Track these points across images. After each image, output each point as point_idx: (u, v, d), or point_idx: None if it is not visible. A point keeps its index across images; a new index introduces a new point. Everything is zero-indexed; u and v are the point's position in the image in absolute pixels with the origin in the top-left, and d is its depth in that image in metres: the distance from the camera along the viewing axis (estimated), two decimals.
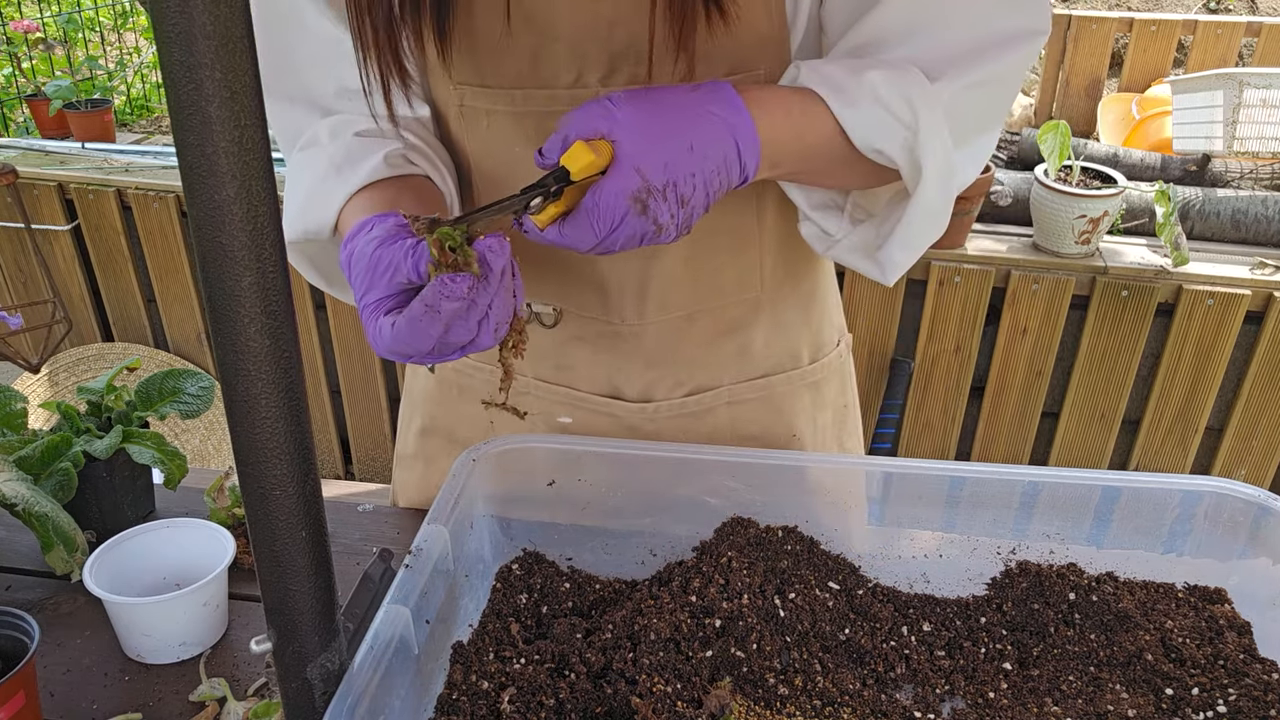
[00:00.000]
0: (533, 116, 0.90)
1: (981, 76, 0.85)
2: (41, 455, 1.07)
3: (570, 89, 0.88)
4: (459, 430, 1.14)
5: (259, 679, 0.94)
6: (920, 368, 2.57)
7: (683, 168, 0.74)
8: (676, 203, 0.74)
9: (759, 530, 0.96)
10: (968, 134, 0.88)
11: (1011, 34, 0.84)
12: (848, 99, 0.81)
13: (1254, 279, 2.37)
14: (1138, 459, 2.61)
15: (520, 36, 0.86)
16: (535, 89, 0.89)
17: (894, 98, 0.81)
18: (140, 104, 4.59)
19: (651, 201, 0.73)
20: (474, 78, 0.90)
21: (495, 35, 0.87)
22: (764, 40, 0.87)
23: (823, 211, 0.95)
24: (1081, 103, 3.93)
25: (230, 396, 0.59)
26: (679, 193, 0.74)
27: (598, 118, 0.74)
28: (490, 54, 0.88)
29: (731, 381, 1.07)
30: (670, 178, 0.73)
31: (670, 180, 0.73)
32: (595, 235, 0.74)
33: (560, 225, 0.75)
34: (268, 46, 0.92)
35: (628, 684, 0.80)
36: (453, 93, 0.92)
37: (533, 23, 0.85)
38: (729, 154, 0.76)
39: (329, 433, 3.03)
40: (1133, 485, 0.94)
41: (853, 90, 0.81)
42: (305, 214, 0.91)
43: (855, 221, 0.94)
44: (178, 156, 0.52)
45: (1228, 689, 0.83)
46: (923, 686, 0.86)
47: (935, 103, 0.83)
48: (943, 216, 0.89)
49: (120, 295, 2.98)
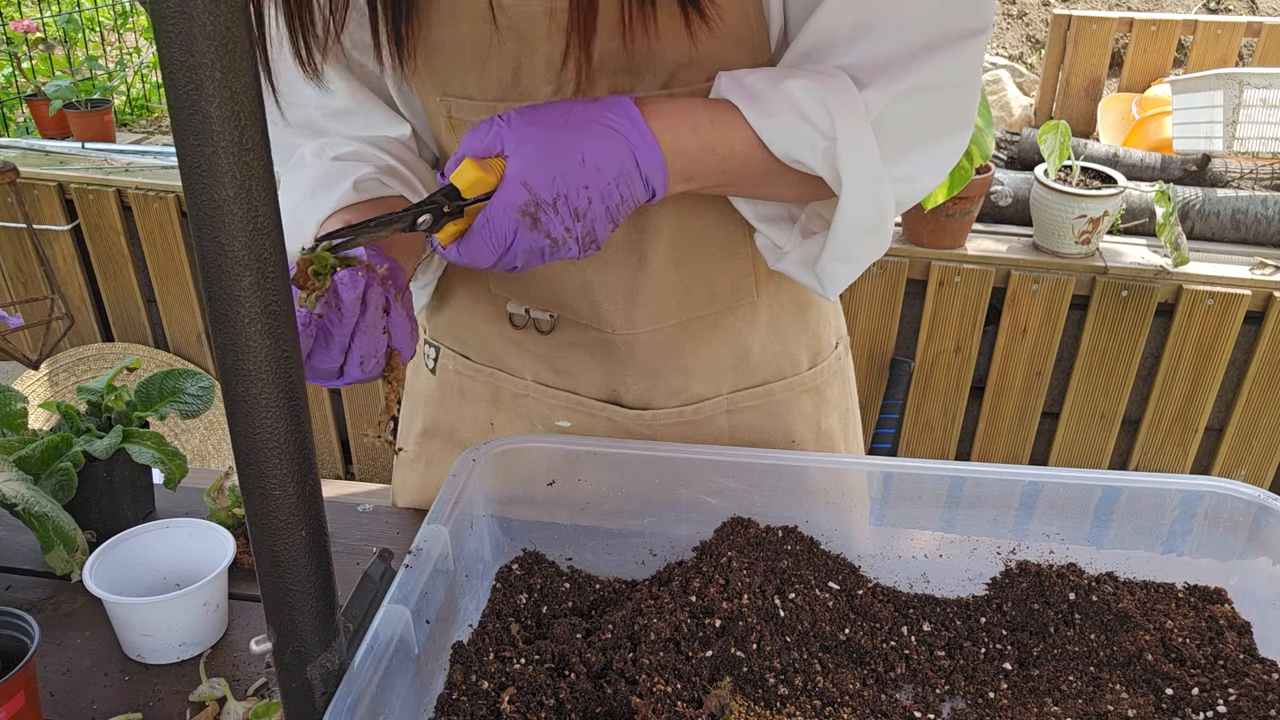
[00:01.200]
0: None
1: (918, 82, 0.81)
2: (41, 455, 1.07)
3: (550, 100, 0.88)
4: (460, 432, 1.14)
5: (259, 679, 0.94)
6: (920, 368, 2.57)
7: (573, 180, 0.73)
8: (571, 216, 0.74)
9: (759, 530, 0.96)
10: (914, 143, 0.85)
11: (948, 36, 0.81)
12: (764, 109, 0.79)
13: (1254, 279, 2.37)
14: (1138, 459, 2.61)
15: (503, 49, 0.86)
16: (517, 100, 0.88)
17: (812, 106, 0.78)
18: (140, 104, 4.59)
19: (542, 215, 0.73)
20: (459, 90, 0.90)
21: (479, 48, 0.86)
22: (743, 42, 0.86)
23: (771, 224, 0.93)
24: (1081, 103, 3.93)
25: (230, 396, 0.59)
26: (571, 206, 0.74)
27: (490, 135, 0.74)
28: (474, 67, 0.88)
29: (730, 390, 1.06)
30: (560, 191, 0.73)
31: (560, 193, 0.73)
32: (490, 251, 0.75)
33: (458, 244, 0.76)
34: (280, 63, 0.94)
35: (628, 684, 0.80)
36: (439, 104, 0.92)
37: (514, 34, 0.85)
38: (626, 166, 0.75)
39: (329, 433, 3.03)
40: (1133, 485, 0.94)
41: (769, 100, 0.79)
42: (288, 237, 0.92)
43: (808, 234, 0.92)
44: (178, 156, 0.52)
45: (1228, 689, 0.83)
46: (923, 686, 0.86)
47: (859, 111, 0.79)
48: (878, 231, 0.86)
49: (120, 295, 2.98)
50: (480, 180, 0.74)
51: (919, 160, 0.86)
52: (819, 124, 0.79)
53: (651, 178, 0.77)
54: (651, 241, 0.95)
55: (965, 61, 0.82)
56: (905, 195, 0.87)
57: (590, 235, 0.76)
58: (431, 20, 0.86)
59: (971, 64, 0.83)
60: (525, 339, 1.05)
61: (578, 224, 0.74)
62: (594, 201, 0.74)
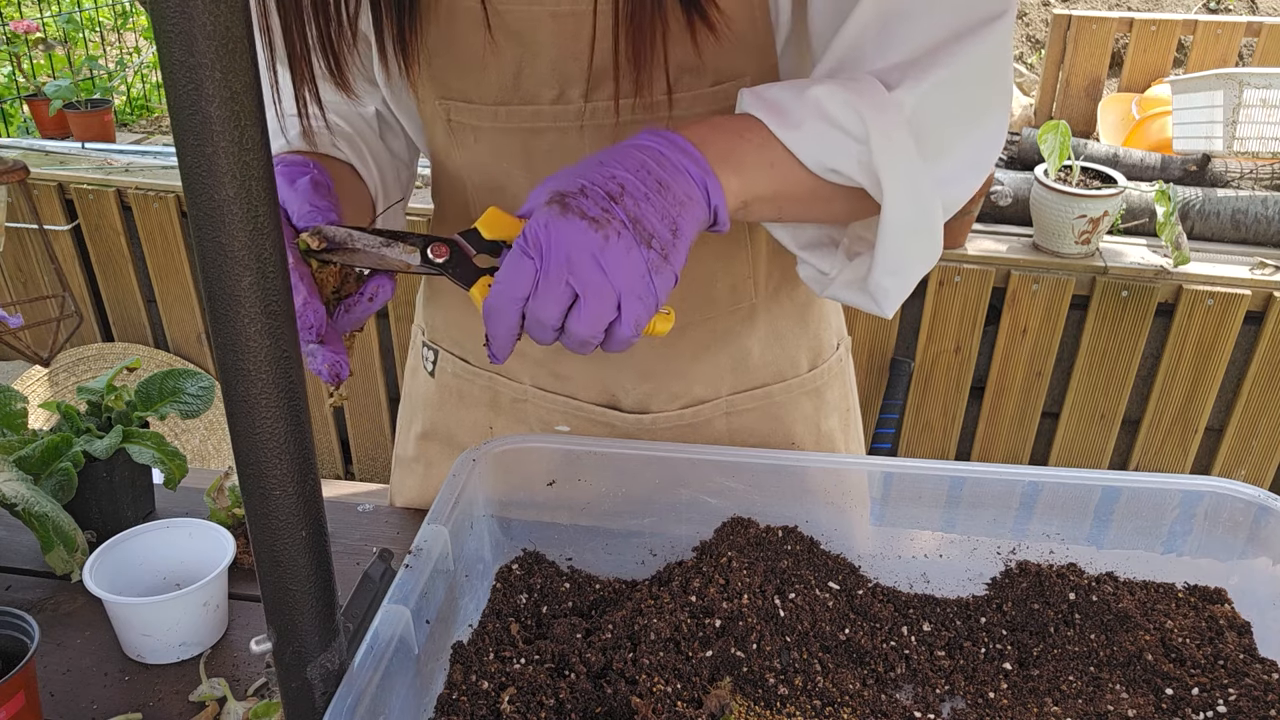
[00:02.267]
0: (518, 133, 0.89)
1: (946, 75, 0.78)
2: (41, 455, 1.07)
3: (553, 105, 0.87)
4: (459, 435, 1.14)
5: (259, 679, 0.94)
6: (920, 368, 2.57)
7: (595, 172, 0.70)
8: (604, 197, 0.68)
9: (759, 530, 0.96)
10: (952, 139, 0.82)
11: (971, 23, 0.78)
12: (791, 120, 0.76)
13: (1254, 279, 2.37)
14: (1138, 459, 2.61)
15: (503, 53, 0.85)
16: (519, 105, 0.88)
17: (840, 111, 0.75)
18: (140, 104, 4.59)
19: (571, 200, 0.68)
20: (458, 93, 0.89)
21: (478, 51, 0.86)
22: (748, 46, 0.85)
23: (814, 250, 0.90)
24: (1081, 103, 3.93)
25: (230, 396, 0.59)
26: (604, 189, 0.68)
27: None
28: (473, 70, 0.87)
29: (730, 393, 1.06)
30: (583, 182, 0.69)
31: (584, 183, 0.69)
32: (531, 257, 0.68)
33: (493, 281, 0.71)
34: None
35: (628, 684, 0.80)
36: (438, 107, 0.91)
37: (515, 39, 0.84)
38: (651, 157, 0.71)
39: (329, 433, 3.03)
40: (1133, 485, 0.94)
41: (796, 110, 0.76)
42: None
43: (852, 255, 0.88)
44: (178, 156, 0.52)
45: (1228, 689, 0.83)
46: (923, 686, 0.86)
47: (891, 111, 0.76)
48: (928, 234, 0.82)
49: (120, 295, 2.98)
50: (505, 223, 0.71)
51: (960, 156, 0.83)
52: (850, 128, 0.76)
53: (690, 167, 0.72)
54: None
55: (990, 47, 0.79)
56: (951, 199, 0.83)
57: (637, 215, 0.69)
58: (429, 23, 0.86)
59: (996, 49, 0.80)
60: (524, 344, 1.05)
61: (616, 205, 0.68)
62: (627, 184, 0.69)
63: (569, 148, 0.89)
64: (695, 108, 0.87)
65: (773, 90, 0.78)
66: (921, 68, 0.78)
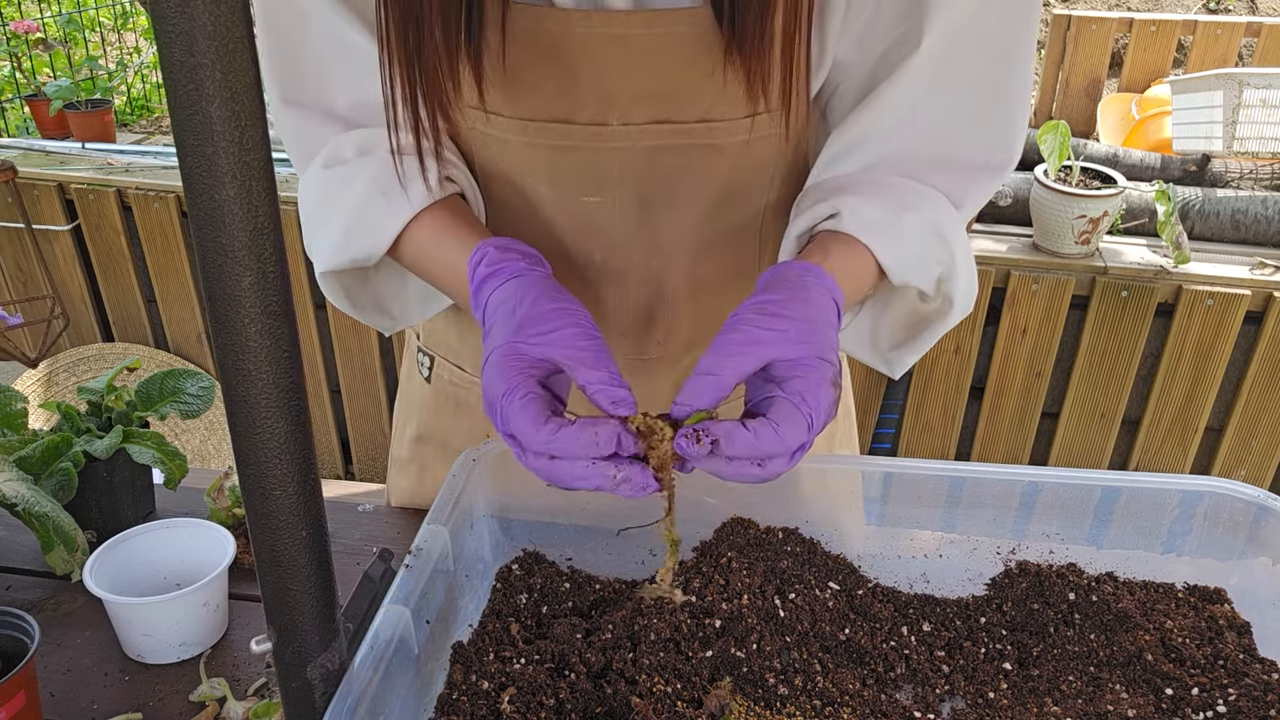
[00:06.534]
0: (544, 149, 0.87)
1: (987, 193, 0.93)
2: (42, 455, 1.07)
3: (587, 125, 0.85)
4: (454, 440, 1.13)
5: (259, 679, 0.94)
6: (920, 368, 2.57)
7: (827, 341, 0.75)
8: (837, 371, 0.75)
9: (759, 530, 0.96)
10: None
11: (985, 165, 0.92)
12: (889, 243, 0.85)
13: (1254, 279, 2.37)
14: (1137, 459, 2.61)
15: (542, 69, 0.83)
16: (549, 122, 0.86)
17: (931, 239, 0.86)
18: (140, 104, 4.59)
19: (840, 379, 0.75)
20: (489, 105, 0.87)
21: (516, 67, 0.84)
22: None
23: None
24: (1081, 103, 3.93)
25: (230, 396, 0.59)
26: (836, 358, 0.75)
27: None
28: (507, 85, 0.85)
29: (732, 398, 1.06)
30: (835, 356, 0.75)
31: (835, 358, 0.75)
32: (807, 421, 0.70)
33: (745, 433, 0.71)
34: (279, 50, 0.92)
35: (628, 684, 0.80)
36: (462, 115, 0.89)
37: (556, 57, 0.82)
38: (826, 306, 0.78)
39: (329, 433, 3.03)
40: (1132, 485, 0.94)
41: (892, 234, 0.85)
42: (350, 241, 0.88)
43: (852, 310, 0.96)
44: (178, 156, 0.52)
45: (1228, 689, 0.83)
46: (923, 686, 0.86)
47: (962, 230, 0.89)
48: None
49: (120, 295, 2.98)
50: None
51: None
52: (939, 255, 0.87)
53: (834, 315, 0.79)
54: (670, 272, 0.95)
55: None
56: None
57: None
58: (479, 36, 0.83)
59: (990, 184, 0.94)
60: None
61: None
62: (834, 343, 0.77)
63: (600, 166, 0.88)
64: (729, 136, 0.87)
65: (867, 209, 0.85)
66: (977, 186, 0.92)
